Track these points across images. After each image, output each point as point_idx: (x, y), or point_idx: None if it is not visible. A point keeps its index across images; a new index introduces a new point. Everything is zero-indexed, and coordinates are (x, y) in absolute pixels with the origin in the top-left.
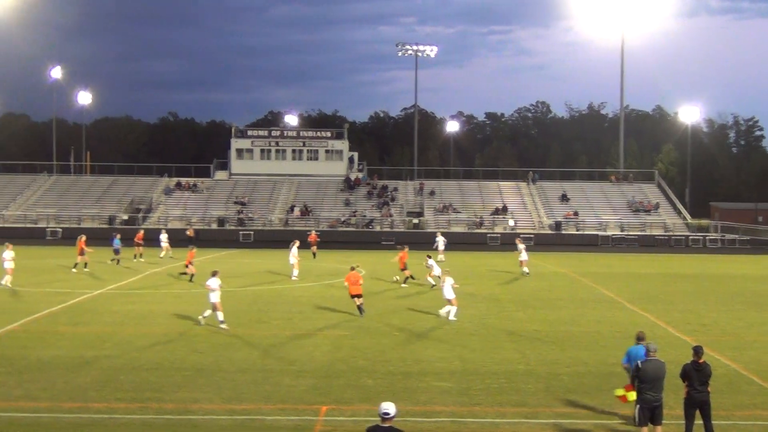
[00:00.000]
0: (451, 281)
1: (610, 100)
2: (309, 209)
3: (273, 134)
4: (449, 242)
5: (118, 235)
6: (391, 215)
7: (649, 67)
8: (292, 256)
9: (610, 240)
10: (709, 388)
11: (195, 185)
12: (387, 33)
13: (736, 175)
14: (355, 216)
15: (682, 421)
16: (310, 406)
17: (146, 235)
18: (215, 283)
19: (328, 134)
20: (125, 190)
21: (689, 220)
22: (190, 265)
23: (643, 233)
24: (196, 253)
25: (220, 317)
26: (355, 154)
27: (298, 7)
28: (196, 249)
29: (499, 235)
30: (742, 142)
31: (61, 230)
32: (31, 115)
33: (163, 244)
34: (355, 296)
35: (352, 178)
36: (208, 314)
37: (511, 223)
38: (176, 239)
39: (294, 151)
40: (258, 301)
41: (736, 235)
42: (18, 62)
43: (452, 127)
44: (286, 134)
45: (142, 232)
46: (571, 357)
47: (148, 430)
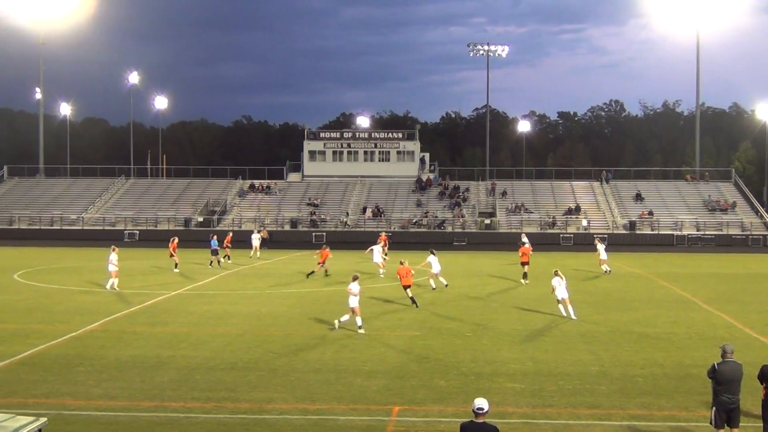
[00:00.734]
0: (561, 282)
1: (686, 98)
2: (381, 210)
3: (345, 136)
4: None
5: (215, 237)
6: (462, 216)
7: (726, 63)
8: (377, 254)
9: (685, 240)
10: None
11: (268, 187)
12: (458, 33)
13: None
14: (426, 217)
15: (760, 424)
16: (383, 407)
17: (235, 237)
18: (356, 288)
19: (400, 135)
20: (200, 193)
21: (767, 219)
22: (322, 264)
23: (720, 233)
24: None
25: (359, 322)
26: (427, 155)
27: (369, 10)
28: (329, 248)
29: (572, 236)
30: None
31: (138, 232)
32: (110, 120)
33: (255, 243)
34: (407, 287)
35: (424, 179)
36: (346, 319)
37: (585, 223)
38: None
39: (366, 153)
40: (330, 301)
41: None
42: (97, 68)
43: (524, 126)
44: (358, 136)
45: (231, 235)
46: (646, 358)
47: (223, 430)
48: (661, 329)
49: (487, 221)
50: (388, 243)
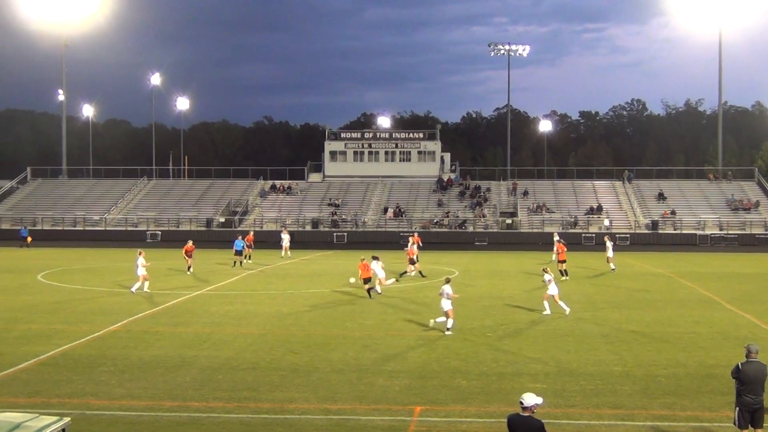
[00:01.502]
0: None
1: (708, 97)
2: (402, 210)
3: (366, 136)
4: (544, 243)
5: (240, 237)
6: (484, 216)
7: (748, 62)
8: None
9: (708, 239)
10: None
11: (289, 187)
12: (479, 33)
13: None
14: (447, 217)
15: None
16: (404, 407)
17: (257, 237)
18: (449, 290)
19: (421, 135)
20: (222, 193)
21: None
22: (414, 263)
23: (743, 232)
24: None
25: (449, 324)
26: (448, 155)
27: (390, 10)
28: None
29: (594, 235)
30: None
31: (160, 233)
32: (132, 121)
33: (284, 243)
34: (366, 280)
35: (445, 179)
36: (442, 320)
37: (607, 222)
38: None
39: (387, 153)
40: (353, 302)
41: None
42: (119, 70)
43: (545, 126)
44: (378, 136)
45: (252, 234)
46: (669, 358)
47: (245, 429)
48: (684, 329)
49: (509, 221)
50: (420, 243)
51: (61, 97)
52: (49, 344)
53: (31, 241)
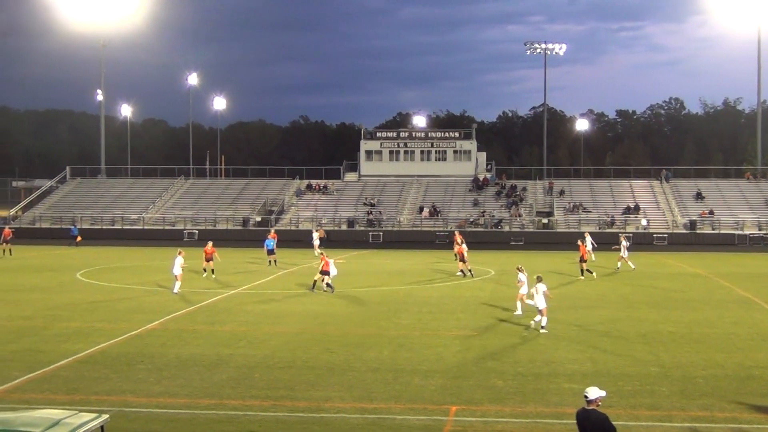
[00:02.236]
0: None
1: (747, 96)
2: (437, 210)
3: (401, 135)
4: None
5: (271, 235)
6: (520, 215)
7: None
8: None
9: (747, 239)
10: None
11: (325, 187)
12: (515, 32)
13: None
14: (483, 216)
15: None
16: (440, 407)
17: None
18: (542, 288)
19: (456, 134)
20: (258, 193)
21: None
22: (465, 262)
23: None
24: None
25: (544, 322)
26: (484, 154)
27: (426, 10)
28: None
29: (632, 235)
30: None
31: (197, 232)
32: (169, 121)
33: (315, 242)
34: (325, 274)
35: (481, 178)
36: (539, 319)
37: (644, 222)
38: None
39: (422, 152)
40: (388, 300)
41: None
42: (156, 70)
43: (582, 125)
44: (414, 135)
45: (274, 232)
46: (707, 359)
47: (281, 427)
48: (722, 330)
49: (545, 220)
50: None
51: (100, 98)
52: (88, 342)
53: (80, 240)
